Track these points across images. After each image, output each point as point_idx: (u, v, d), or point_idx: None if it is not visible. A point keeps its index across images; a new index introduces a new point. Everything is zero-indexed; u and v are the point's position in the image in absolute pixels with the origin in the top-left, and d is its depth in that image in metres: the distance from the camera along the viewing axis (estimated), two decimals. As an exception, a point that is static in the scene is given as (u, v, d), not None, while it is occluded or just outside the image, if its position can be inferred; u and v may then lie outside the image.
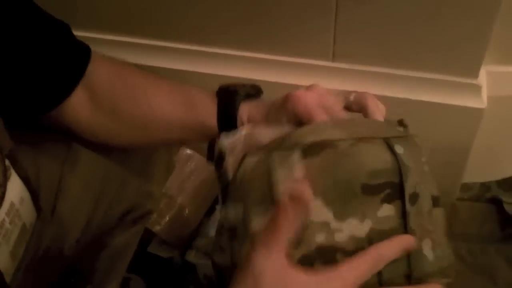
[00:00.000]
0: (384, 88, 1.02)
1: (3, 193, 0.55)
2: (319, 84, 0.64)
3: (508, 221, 0.99)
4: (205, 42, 1.10)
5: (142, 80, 0.70)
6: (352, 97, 0.62)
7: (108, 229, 0.83)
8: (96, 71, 0.67)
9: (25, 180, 0.60)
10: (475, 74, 0.96)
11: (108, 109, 0.69)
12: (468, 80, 0.97)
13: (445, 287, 0.55)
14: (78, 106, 0.67)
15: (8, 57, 0.59)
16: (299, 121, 0.60)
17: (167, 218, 1.19)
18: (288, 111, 0.61)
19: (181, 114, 0.69)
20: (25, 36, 0.61)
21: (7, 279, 0.57)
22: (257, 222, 0.50)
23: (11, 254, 0.57)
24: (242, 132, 0.57)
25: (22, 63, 0.61)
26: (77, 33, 0.70)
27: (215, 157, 0.56)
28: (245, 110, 0.65)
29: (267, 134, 0.57)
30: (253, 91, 0.69)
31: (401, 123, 0.60)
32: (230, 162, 0.54)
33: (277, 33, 1.02)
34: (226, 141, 0.56)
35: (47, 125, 0.68)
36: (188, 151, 1.27)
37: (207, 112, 0.67)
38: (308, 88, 0.63)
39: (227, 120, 0.66)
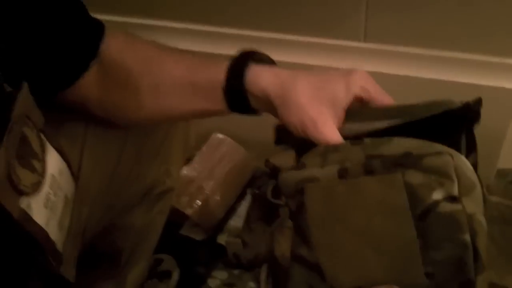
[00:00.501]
0: (416, 69, 1.00)
1: (44, 167, 0.56)
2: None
3: (545, 203, 0.97)
4: (232, 24, 1.10)
5: (153, 48, 0.70)
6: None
7: (129, 209, 0.83)
8: (108, 46, 0.68)
9: (60, 152, 0.61)
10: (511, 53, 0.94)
11: (120, 80, 0.69)
12: (505, 60, 0.95)
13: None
14: (92, 82, 0.67)
15: (24, 35, 0.60)
16: (359, 97, 0.61)
17: (199, 202, 1.20)
18: (351, 84, 0.60)
19: (191, 72, 0.67)
20: (41, 13, 0.61)
21: (59, 248, 0.59)
22: None
23: (59, 225, 0.59)
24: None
25: (39, 40, 0.62)
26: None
27: None
28: (258, 67, 0.64)
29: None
30: (266, 58, 0.69)
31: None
32: None
33: (308, 14, 1.02)
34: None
35: (61, 104, 0.69)
36: (220, 136, 1.28)
37: (217, 70, 0.65)
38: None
39: (235, 74, 0.64)
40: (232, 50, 1.09)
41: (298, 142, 0.64)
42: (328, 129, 0.60)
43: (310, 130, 0.60)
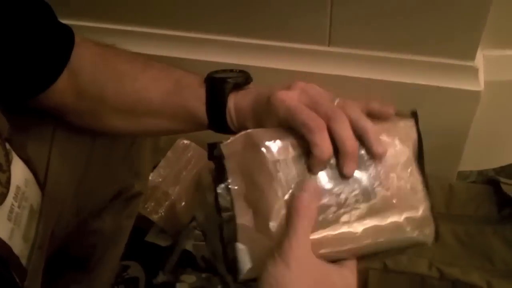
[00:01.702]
0: (380, 72, 1.02)
1: (9, 178, 0.54)
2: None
3: (505, 202, 0.99)
4: (199, 28, 1.09)
5: (127, 64, 0.68)
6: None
7: (98, 213, 0.82)
8: (79, 55, 0.66)
9: (26, 162, 0.60)
10: (471, 56, 0.96)
11: (94, 93, 0.67)
12: (465, 63, 0.97)
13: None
14: (64, 91, 0.66)
15: None
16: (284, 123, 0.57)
17: (165, 207, 1.19)
18: (271, 116, 0.57)
19: (167, 99, 0.66)
20: (10, 20, 0.59)
21: (23, 262, 0.57)
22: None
23: (24, 237, 0.57)
24: (240, 134, 0.55)
25: (7, 48, 0.59)
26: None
27: (215, 162, 0.56)
28: (232, 99, 0.63)
29: (264, 135, 0.56)
30: (242, 78, 0.66)
31: (413, 114, 0.59)
32: (229, 167, 0.54)
33: (273, 18, 1.02)
34: (225, 144, 0.54)
35: (31, 107, 0.67)
36: (185, 141, 1.28)
37: (195, 99, 0.64)
38: (291, 86, 0.58)
39: (216, 109, 0.63)
40: (197, 54, 1.10)
41: None
42: None
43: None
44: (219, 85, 0.64)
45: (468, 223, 0.98)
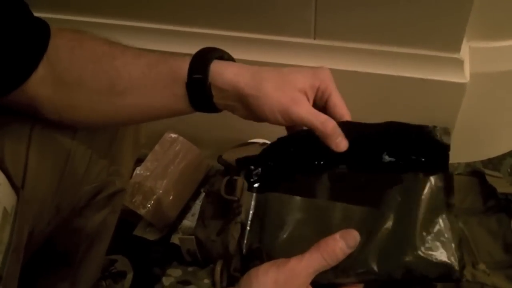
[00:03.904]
0: (365, 64, 1.02)
1: (-22, 179, 0.54)
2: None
3: (490, 193, 1.00)
4: (184, 22, 1.09)
5: (106, 46, 0.67)
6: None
7: (79, 210, 0.82)
8: (55, 45, 0.65)
9: (-1, 164, 0.59)
10: (457, 48, 0.96)
11: (72, 79, 0.66)
12: (450, 55, 0.97)
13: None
14: (41, 84, 0.64)
15: None
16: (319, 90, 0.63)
17: (153, 201, 1.18)
18: (317, 74, 0.63)
19: (148, 72, 0.65)
20: None
21: None
22: None
23: (-5, 241, 0.56)
24: None
25: None
26: (52, 15, 0.68)
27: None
28: (229, 66, 0.63)
29: None
30: (228, 55, 0.68)
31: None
32: None
33: (258, 11, 1.02)
34: None
35: (7, 106, 0.66)
36: (173, 135, 1.27)
37: (179, 64, 0.64)
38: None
39: (198, 68, 0.63)
40: (184, 48, 1.10)
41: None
42: (309, 106, 0.62)
43: (292, 107, 0.61)
44: (206, 50, 0.65)
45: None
